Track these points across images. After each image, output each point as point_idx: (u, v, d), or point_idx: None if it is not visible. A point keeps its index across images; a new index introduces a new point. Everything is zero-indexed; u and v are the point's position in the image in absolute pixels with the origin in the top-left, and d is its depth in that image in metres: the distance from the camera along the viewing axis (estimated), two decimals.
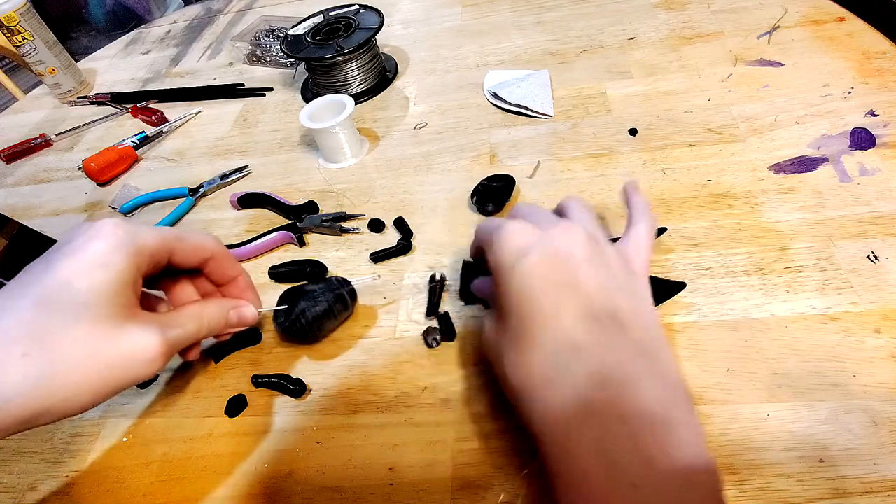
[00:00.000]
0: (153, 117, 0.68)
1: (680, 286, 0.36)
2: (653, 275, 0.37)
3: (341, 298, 0.39)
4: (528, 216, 0.31)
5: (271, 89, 0.70)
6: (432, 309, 0.40)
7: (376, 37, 0.63)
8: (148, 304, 0.33)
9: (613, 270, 0.28)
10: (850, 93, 0.49)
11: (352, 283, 0.40)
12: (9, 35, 0.73)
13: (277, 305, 0.38)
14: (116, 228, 0.27)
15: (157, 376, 0.41)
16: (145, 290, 0.31)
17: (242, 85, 0.72)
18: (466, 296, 0.40)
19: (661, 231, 0.40)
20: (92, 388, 0.25)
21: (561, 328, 0.26)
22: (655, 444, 0.23)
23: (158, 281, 0.33)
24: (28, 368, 0.24)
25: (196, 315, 0.31)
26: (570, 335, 0.26)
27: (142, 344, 0.27)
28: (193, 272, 0.34)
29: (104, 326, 0.26)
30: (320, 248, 0.47)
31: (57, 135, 0.72)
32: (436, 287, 0.41)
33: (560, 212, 0.34)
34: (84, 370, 0.25)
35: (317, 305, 0.37)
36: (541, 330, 0.26)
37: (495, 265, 0.28)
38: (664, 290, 0.37)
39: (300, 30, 0.66)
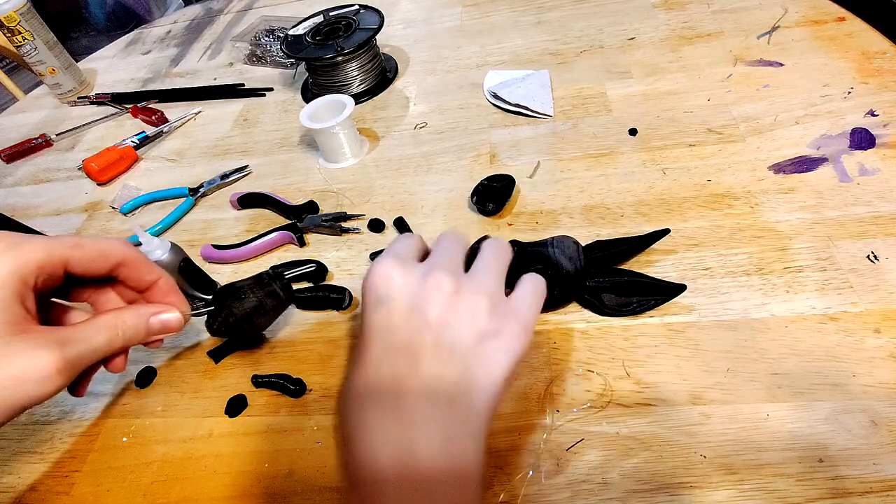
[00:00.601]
0: (153, 117, 0.68)
1: (680, 289, 0.36)
2: (654, 277, 0.37)
3: (272, 294, 0.38)
4: (400, 252, 0.30)
5: (271, 89, 0.70)
6: None
7: (376, 37, 0.63)
8: (65, 317, 0.31)
9: (464, 337, 0.27)
10: (850, 93, 0.49)
11: (286, 277, 0.40)
12: (9, 35, 0.73)
13: (206, 307, 0.37)
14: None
15: (155, 373, 0.41)
16: (60, 301, 0.30)
17: (242, 85, 0.72)
18: None
19: (665, 233, 0.40)
20: None
21: (370, 381, 0.26)
22: None
23: (82, 291, 0.31)
24: None
25: (109, 325, 0.28)
26: (387, 403, 0.26)
27: (33, 363, 0.24)
28: (114, 280, 0.31)
29: None
30: (320, 248, 0.47)
31: (57, 135, 0.72)
32: None
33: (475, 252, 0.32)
34: None
35: (245, 303, 0.37)
36: (365, 382, 0.26)
37: (362, 299, 0.29)
38: (664, 292, 0.37)
39: (300, 30, 0.66)
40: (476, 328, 0.27)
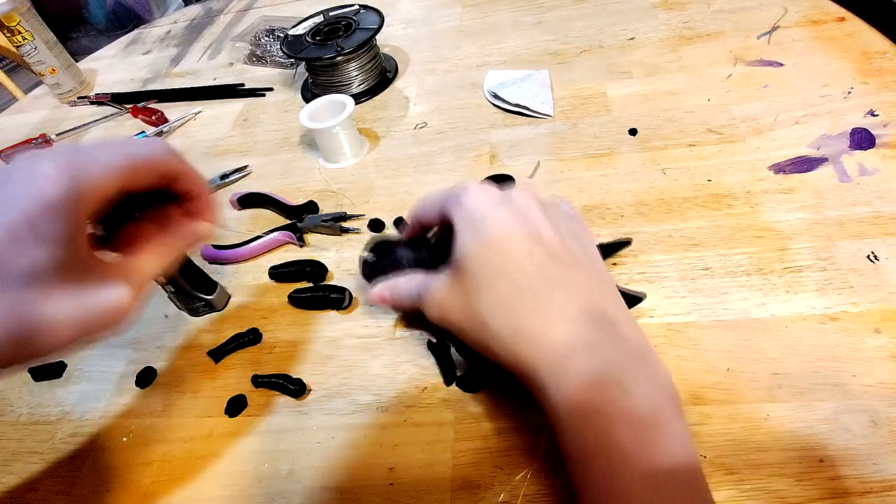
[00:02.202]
0: (153, 117, 0.68)
1: (636, 299, 0.36)
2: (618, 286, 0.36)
3: (421, 260, 0.37)
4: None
5: (271, 89, 0.70)
6: (449, 375, 0.36)
7: (376, 37, 0.63)
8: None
9: (567, 223, 0.32)
10: (849, 93, 0.49)
11: (432, 244, 0.38)
12: (9, 35, 0.73)
13: (368, 251, 0.38)
14: (55, 172, 0.22)
15: (155, 373, 0.41)
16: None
17: (242, 85, 0.72)
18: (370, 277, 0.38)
19: (625, 244, 0.40)
20: (62, 334, 0.23)
21: (532, 269, 0.29)
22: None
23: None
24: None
25: (162, 253, 0.28)
26: (541, 273, 0.29)
27: (108, 297, 0.25)
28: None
29: (68, 286, 0.23)
30: (320, 248, 0.47)
31: (57, 135, 0.72)
32: (440, 351, 0.37)
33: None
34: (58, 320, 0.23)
35: (399, 261, 0.37)
36: (521, 268, 0.29)
37: (465, 219, 0.31)
38: (610, 250, 0.39)
39: (300, 30, 0.66)
40: (569, 225, 0.32)
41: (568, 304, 0.28)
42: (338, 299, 0.41)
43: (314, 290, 0.42)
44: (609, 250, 0.40)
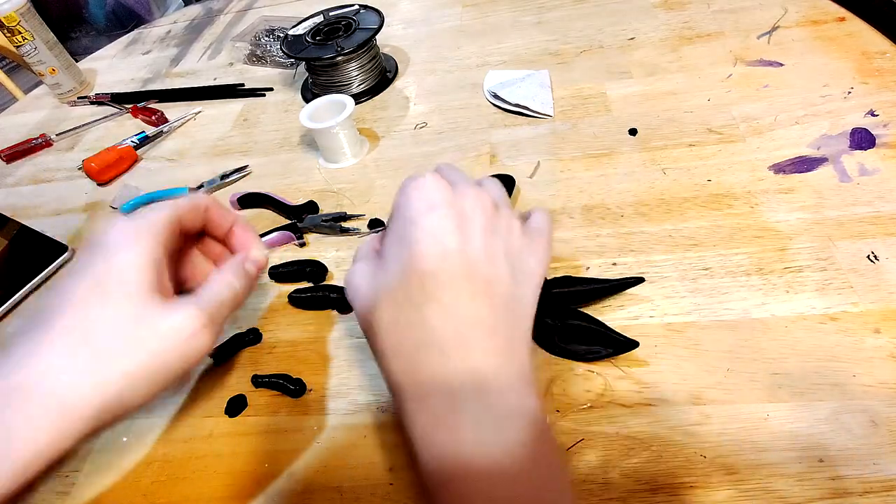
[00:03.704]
0: (153, 117, 0.68)
1: (631, 345, 0.34)
2: (609, 327, 0.35)
3: None
4: (445, 174, 0.31)
5: (271, 89, 0.70)
6: None
7: (376, 37, 0.63)
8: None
9: (511, 240, 0.29)
10: (849, 93, 0.49)
11: None
12: (9, 35, 0.73)
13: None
14: (126, 226, 0.28)
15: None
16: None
17: (242, 85, 0.72)
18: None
19: (639, 281, 0.37)
20: (143, 374, 0.26)
21: (441, 291, 0.26)
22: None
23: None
24: (78, 365, 0.24)
25: (223, 280, 0.30)
26: (447, 299, 0.26)
27: (179, 320, 0.26)
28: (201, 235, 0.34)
29: (138, 312, 0.26)
30: (320, 248, 0.47)
31: (57, 135, 0.72)
32: None
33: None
34: (130, 359, 0.25)
35: None
36: (421, 288, 0.26)
37: (399, 211, 0.29)
38: (615, 345, 0.34)
39: (300, 30, 0.66)
40: (515, 240, 0.29)
41: (452, 339, 0.26)
42: (338, 299, 0.41)
43: (314, 290, 0.42)
44: (618, 288, 0.37)
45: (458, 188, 0.29)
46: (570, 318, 0.35)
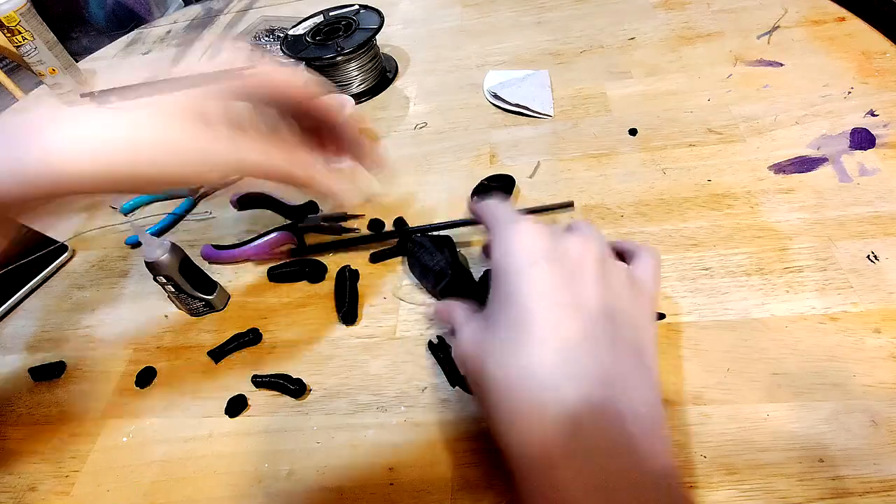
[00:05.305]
0: None
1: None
2: None
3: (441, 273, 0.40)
4: (521, 218, 0.30)
5: None
6: (454, 375, 0.36)
7: (376, 37, 0.63)
8: None
9: (622, 295, 0.27)
10: (850, 93, 0.49)
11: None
12: (9, 35, 0.73)
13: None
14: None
15: (155, 373, 0.41)
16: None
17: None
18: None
19: (661, 317, 0.37)
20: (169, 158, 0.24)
21: (559, 344, 0.24)
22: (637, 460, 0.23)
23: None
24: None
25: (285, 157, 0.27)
26: (563, 357, 0.24)
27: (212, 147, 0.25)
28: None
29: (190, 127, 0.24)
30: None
31: None
32: (440, 355, 0.37)
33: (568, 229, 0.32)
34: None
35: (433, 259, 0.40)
36: (538, 342, 0.24)
37: (500, 264, 0.27)
38: None
39: (300, 30, 0.66)
40: (626, 294, 0.27)
41: (578, 402, 0.23)
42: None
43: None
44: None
45: (558, 235, 0.28)
46: None
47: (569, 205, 0.42)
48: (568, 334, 0.24)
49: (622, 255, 0.32)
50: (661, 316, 0.36)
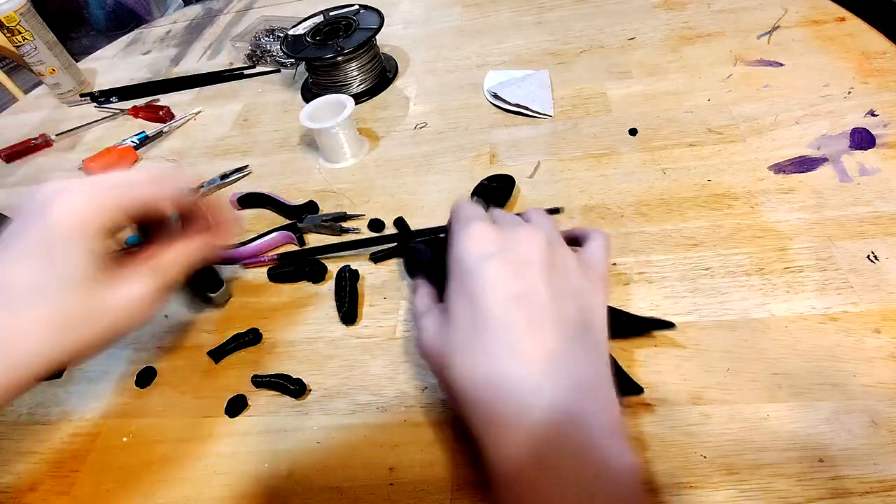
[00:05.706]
0: (160, 113, 0.68)
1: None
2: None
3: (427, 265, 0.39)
4: (495, 216, 0.32)
5: (278, 70, 0.72)
6: None
7: (376, 37, 0.63)
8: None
9: (571, 279, 0.29)
10: (850, 93, 0.49)
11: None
12: (9, 35, 0.73)
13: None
14: (73, 198, 0.27)
15: (155, 373, 0.41)
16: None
17: (251, 67, 0.74)
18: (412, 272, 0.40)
19: (667, 326, 0.36)
20: (96, 338, 0.27)
21: (514, 337, 0.26)
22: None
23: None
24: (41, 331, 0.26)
25: (185, 253, 0.31)
26: (520, 346, 0.26)
27: (136, 290, 0.28)
28: None
29: (94, 289, 0.27)
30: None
31: (57, 135, 0.72)
32: None
33: (523, 219, 0.34)
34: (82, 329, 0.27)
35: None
36: (493, 338, 0.26)
37: (455, 264, 0.29)
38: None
39: (300, 30, 0.66)
40: (574, 278, 0.29)
41: (547, 412, 0.24)
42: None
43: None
44: (646, 326, 0.36)
45: (507, 230, 0.29)
46: None
47: (557, 210, 0.43)
48: (519, 324, 0.26)
49: (576, 240, 0.34)
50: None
